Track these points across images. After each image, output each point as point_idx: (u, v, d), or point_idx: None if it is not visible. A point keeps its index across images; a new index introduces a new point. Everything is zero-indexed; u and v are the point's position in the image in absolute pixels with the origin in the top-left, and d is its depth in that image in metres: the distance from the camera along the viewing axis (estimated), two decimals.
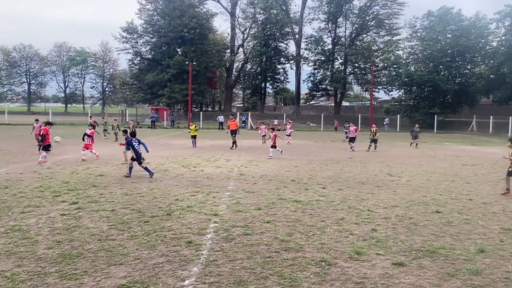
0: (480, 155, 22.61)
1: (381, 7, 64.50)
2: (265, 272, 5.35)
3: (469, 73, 57.15)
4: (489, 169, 16.48)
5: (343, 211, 8.83)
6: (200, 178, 12.69)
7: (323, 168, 15.78)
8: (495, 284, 5.13)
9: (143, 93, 64.93)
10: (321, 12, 66.12)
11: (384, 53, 64.79)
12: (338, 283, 5.05)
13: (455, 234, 7.25)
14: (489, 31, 54.30)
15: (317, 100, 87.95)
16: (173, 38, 59.99)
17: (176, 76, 59.00)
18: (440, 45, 54.18)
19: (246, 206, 8.98)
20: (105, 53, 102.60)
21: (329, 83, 66.37)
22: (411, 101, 59.35)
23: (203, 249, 6.19)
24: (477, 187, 12.10)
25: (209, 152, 20.83)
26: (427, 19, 57.81)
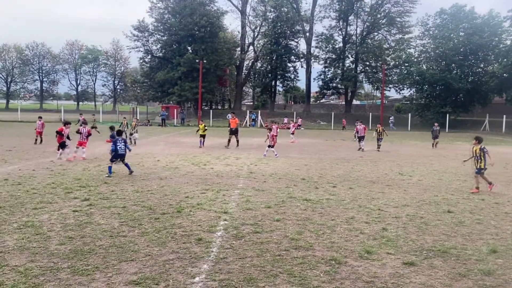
0: (492, 155, 22.19)
1: (392, 5, 64.01)
2: (275, 270, 5.35)
3: (482, 72, 56.50)
4: (501, 169, 16.28)
5: (353, 210, 8.79)
6: (210, 176, 12.73)
7: (333, 167, 15.73)
8: (507, 284, 5.07)
9: (154, 91, 65.33)
10: (332, 10, 65.89)
11: (395, 51, 64.22)
12: (348, 282, 5.04)
13: (466, 234, 7.19)
14: (503, 29, 53.66)
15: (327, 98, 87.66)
16: (183, 36, 60.20)
17: (186, 74, 59.22)
18: (452, 44, 53.62)
19: (255, 204, 8.99)
20: (116, 51, 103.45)
21: (340, 81, 66.08)
22: (423, 100, 58.93)
23: (213, 246, 6.21)
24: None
25: (219, 150, 20.89)
26: (439, 17, 57.23)
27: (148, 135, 23.01)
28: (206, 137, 23.57)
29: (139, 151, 19.23)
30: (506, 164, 17.70)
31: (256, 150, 21.55)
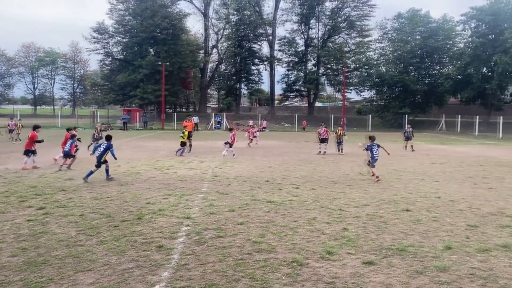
0: (448, 153, 23.23)
1: (352, 9, 65.56)
2: (237, 274, 5.32)
3: (438, 74, 58.79)
4: (456, 167, 16.94)
5: (315, 210, 8.90)
6: (173, 181, 12.55)
7: (296, 168, 15.88)
8: (461, 280, 5.26)
9: (115, 94, 63.78)
10: (293, 13, 66.73)
11: (355, 54, 65.83)
12: (309, 284, 5.08)
13: (423, 231, 7.41)
14: (456, 33, 56.04)
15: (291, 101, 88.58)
16: (145, 38, 59.23)
17: (148, 77, 58.25)
18: (409, 46, 55.53)
19: (219, 208, 8.93)
20: (75, 54, 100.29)
21: (303, 84, 67.01)
22: (382, 101, 60.60)
23: (174, 253, 6.11)
24: (445, 185, 12.41)
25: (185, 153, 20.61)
26: (397, 20, 59.15)
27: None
28: (174, 141, 22.85)
29: None
30: (461, 163, 18.43)
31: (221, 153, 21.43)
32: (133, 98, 59.82)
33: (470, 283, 5.16)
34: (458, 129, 49.70)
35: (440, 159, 20.00)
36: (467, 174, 14.93)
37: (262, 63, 71.40)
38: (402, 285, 5.08)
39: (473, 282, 5.21)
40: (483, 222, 8.08)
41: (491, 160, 19.72)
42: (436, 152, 23.57)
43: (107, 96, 66.71)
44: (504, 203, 9.96)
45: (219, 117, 55.18)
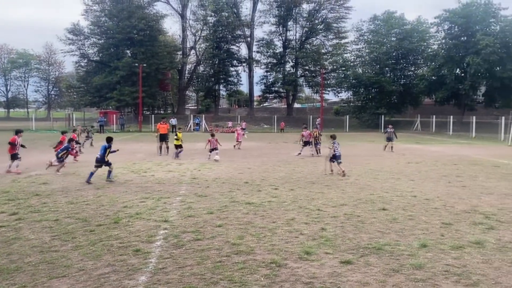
0: (424, 153, 23.70)
1: (329, 11, 66.23)
2: (215, 277, 5.30)
3: (413, 75, 59.94)
4: (431, 166, 17.29)
5: (294, 211, 8.94)
6: (150, 184, 12.41)
7: (275, 169, 15.92)
8: (436, 277, 5.37)
9: (91, 96, 62.73)
10: (271, 15, 66.99)
11: (332, 56, 66.53)
12: (288, 284, 5.10)
13: (399, 230, 7.54)
14: (430, 35, 57.27)
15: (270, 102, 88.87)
16: (121, 39, 58.52)
17: (125, 79, 57.56)
18: (385, 48, 56.49)
19: (197, 211, 8.88)
20: (49, 56, 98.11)
21: (281, 85, 67.31)
22: (359, 102, 61.42)
23: (151, 257, 6.04)
24: (421, 184, 12.66)
25: (161, 156, 20.44)
26: (372, 22, 60.06)
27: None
28: (152, 143, 22.62)
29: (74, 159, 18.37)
30: (436, 162, 18.82)
31: (200, 155, 21.31)
32: (110, 100, 58.94)
33: (445, 280, 5.27)
34: (433, 129, 50.76)
35: (416, 158, 20.38)
36: (442, 173, 15.26)
37: (240, 64, 71.41)
38: (378, 283, 5.15)
39: (448, 278, 5.32)
40: (457, 220, 8.27)
41: (465, 159, 20.21)
42: (412, 152, 24.00)
43: (83, 99, 65.60)
44: (477, 200, 10.22)
45: (198, 118, 54.92)
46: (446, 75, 50.45)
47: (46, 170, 14.73)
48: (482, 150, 25.92)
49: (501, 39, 46.18)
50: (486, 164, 18.03)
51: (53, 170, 14.67)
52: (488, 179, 13.80)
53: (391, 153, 23.04)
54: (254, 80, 70.18)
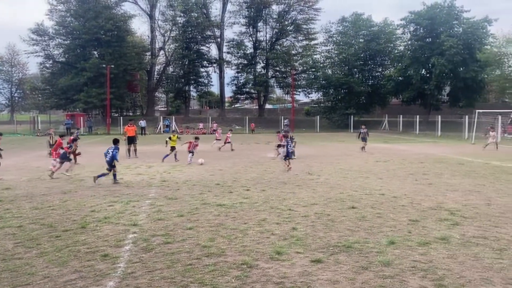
0: (391, 152, 24.24)
1: (298, 13, 66.89)
2: (186, 280, 5.24)
3: (380, 76, 61.29)
4: (399, 165, 17.71)
5: (265, 212, 8.96)
6: (119, 187, 12.17)
7: (247, 170, 15.92)
8: (403, 273, 5.48)
9: (57, 99, 60.97)
10: (241, 16, 67.07)
11: (302, 57, 67.19)
12: (259, 285, 5.09)
13: (368, 228, 7.67)
14: (397, 36, 58.71)
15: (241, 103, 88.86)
16: (88, 40, 57.19)
17: (92, 80, 56.25)
18: (353, 49, 57.50)
19: (167, 214, 8.76)
20: (12, 56, 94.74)
21: (252, 86, 67.47)
22: (329, 103, 62.31)
23: (120, 261, 5.91)
24: (388, 182, 12.93)
25: (130, 159, 20.09)
26: (341, 24, 61.06)
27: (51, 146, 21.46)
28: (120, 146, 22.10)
29: (40, 163, 17.84)
30: (403, 160, 19.29)
31: (170, 157, 21.04)
32: (77, 102, 57.49)
33: (412, 276, 5.39)
34: (400, 128, 52.04)
35: (384, 157, 20.82)
36: (409, 171, 15.65)
37: (211, 65, 71.10)
38: (348, 281, 5.22)
39: (415, 274, 5.44)
40: (424, 217, 8.49)
41: (431, 157, 20.80)
42: (380, 151, 24.51)
43: (48, 101, 63.71)
44: (442, 197, 10.52)
45: (168, 120, 54.31)
46: (412, 75, 51.84)
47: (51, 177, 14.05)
48: (447, 148, 26.76)
49: (464, 40, 47.84)
50: (451, 162, 18.61)
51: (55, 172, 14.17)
52: (453, 176, 14.24)
53: (361, 152, 23.44)
54: (225, 81, 70.15)
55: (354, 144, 31.18)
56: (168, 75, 71.41)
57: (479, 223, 7.98)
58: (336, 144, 30.88)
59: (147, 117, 58.21)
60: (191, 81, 70.01)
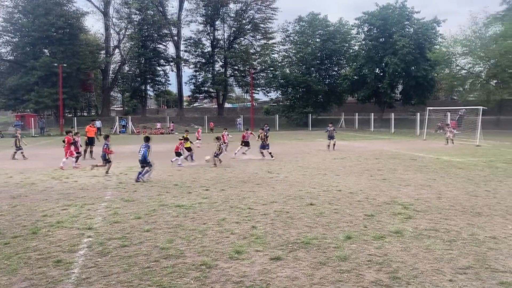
0: (348, 149, 24.84)
1: (256, 11, 67.24)
2: (143, 283, 5.13)
3: (337, 75, 62.65)
4: (355, 161, 18.17)
5: (225, 211, 8.93)
6: (73, 190, 11.75)
7: (206, 170, 15.81)
8: (359, 267, 5.62)
9: (5, 99, 58.05)
10: (198, 14, 66.61)
11: (261, 56, 67.60)
12: (218, 285, 5.07)
13: (326, 224, 7.81)
14: (351, 36, 60.17)
15: (200, 102, 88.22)
16: (38, 38, 54.84)
17: (44, 79, 54.01)
18: (310, 49, 58.43)
19: (124, 216, 8.55)
20: None
21: (211, 85, 67.17)
22: (288, 102, 62.99)
23: (74, 267, 5.70)
24: (345, 179, 13.24)
25: (85, 161, 19.43)
26: (298, 24, 61.86)
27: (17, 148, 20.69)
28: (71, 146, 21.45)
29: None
30: (359, 157, 19.80)
31: (128, 158, 20.57)
32: (27, 102, 55.05)
33: (368, 269, 5.54)
34: (356, 126, 53.45)
35: (341, 154, 21.30)
36: (364, 167, 16.09)
37: (168, 64, 70.14)
38: (306, 277, 5.29)
39: (370, 268, 5.60)
40: (379, 211, 8.75)
41: (385, 153, 21.49)
42: (337, 148, 25.00)
43: None
44: (396, 192, 10.89)
45: (124, 120, 53.04)
46: (367, 74, 53.34)
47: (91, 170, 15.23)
48: (400, 145, 27.74)
49: (415, 40, 49.73)
50: (404, 158, 19.31)
51: None
52: (406, 171, 14.78)
53: (317, 150, 23.85)
54: (183, 79, 69.35)
55: (313, 142, 31.74)
56: (124, 74, 69.78)
57: (430, 216, 8.32)
58: (295, 142, 31.26)
59: (103, 117, 56.63)
60: (148, 80, 68.79)
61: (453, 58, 45.43)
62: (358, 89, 57.19)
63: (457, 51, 44.64)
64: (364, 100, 58.59)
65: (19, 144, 21.06)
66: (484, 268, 5.54)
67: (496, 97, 41.68)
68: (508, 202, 9.49)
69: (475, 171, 14.57)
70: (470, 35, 42.99)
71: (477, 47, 42.20)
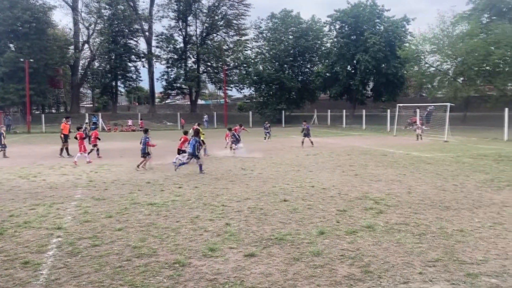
0: (321, 145, 25.09)
1: (228, 7, 66.85)
2: (115, 283, 5.04)
3: (309, 72, 63.07)
4: (328, 157, 18.39)
5: (199, 209, 8.87)
6: (41, 189, 11.41)
7: (179, 167, 15.62)
8: (332, 262, 5.69)
9: None
10: (170, 10, 65.63)
11: (234, 52, 67.33)
12: (192, 283, 5.03)
13: (299, 219, 7.87)
14: (324, 33, 60.68)
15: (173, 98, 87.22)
16: (3, 32, 52.81)
17: (9, 75, 52.10)
18: (283, 46, 58.57)
19: (95, 215, 8.37)
20: None
21: (183, 81, 66.36)
22: (261, 98, 63.02)
23: (42, 268, 5.55)
24: (318, 175, 13.38)
25: (53, 159, 18.93)
26: (271, 20, 61.90)
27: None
28: (38, 145, 20.97)
29: None
30: (331, 153, 20.04)
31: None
32: None
33: (341, 264, 5.61)
34: (329, 122, 54.04)
35: (314, 150, 21.50)
36: (337, 163, 16.30)
37: (139, 59, 68.91)
38: (280, 273, 5.32)
39: (343, 262, 5.68)
40: (351, 206, 8.88)
41: (357, 149, 21.83)
42: (310, 144, 25.23)
43: None
44: (367, 187, 11.08)
45: (95, 117, 51.89)
46: (339, 71, 53.96)
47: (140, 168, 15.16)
48: (371, 141, 28.24)
49: (386, 38, 50.60)
50: (375, 154, 19.67)
51: None
52: (377, 167, 15.06)
53: (290, 146, 23.99)
54: (154, 76, 68.34)
55: (286, 138, 31.91)
56: (94, 70, 68.10)
57: (401, 210, 8.51)
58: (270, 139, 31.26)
59: (72, 114, 55.10)
60: (118, 76, 67.39)
61: (422, 55, 46.46)
62: (331, 86, 57.80)
63: (426, 49, 45.66)
64: (336, 97, 59.28)
65: (3, 142, 20.45)
66: (452, 260, 5.70)
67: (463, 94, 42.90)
68: (474, 196, 9.81)
69: (443, 166, 14.99)
70: (438, 33, 44.05)
71: (445, 45, 43.28)
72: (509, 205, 8.84)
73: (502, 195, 9.87)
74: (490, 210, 8.44)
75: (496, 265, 5.51)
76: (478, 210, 8.46)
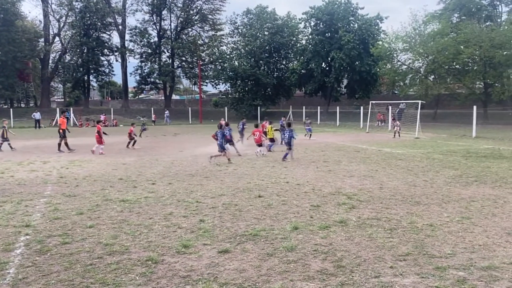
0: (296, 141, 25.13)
1: (204, 2, 66.30)
2: (86, 281, 4.93)
3: (285, 68, 63.26)
4: (302, 153, 18.53)
5: (172, 205, 8.79)
6: (9, 186, 11.07)
7: (153, 164, 15.47)
8: (306, 257, 5.74)
9: None
10: (144, 3, 64.53)
11: (209, 47, 66.84)
12: (165, 280, 4.98)
13: (274, 215, 7.90)
14: (299, 30, 60.95)
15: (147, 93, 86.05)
16: None
17: None
18: (259, 42, 58.54)
19: (65, 212, 8.17)
20: None
21: (158, 76, 65.50)
22: (237, 94, 62.88)
23: (9, 267, 5.38)
24: (292, 170, 13.46)
25: (22, 155, 18.40)
26: (246, 16, 61.72)
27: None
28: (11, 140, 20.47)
29: None
30: (306, 149, 20.21)
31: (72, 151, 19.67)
32: None
33: (314, 259, 5.67)
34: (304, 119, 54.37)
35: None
36: (311, 159, 16.44)
37: (112, 53, 67.59)
38: (254, 269, 5.33)
39: (316, 257, 5.73)
40: (324, 202, 8.98)
41: (331, 146, 22.08)
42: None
43: None
44: (341, 183, 11.22)
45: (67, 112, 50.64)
46: (314, 68, 54.34)
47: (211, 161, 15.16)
48: (345, 137, 28.62)
49: (359, 36, 51.22)
50: (349, 150, 19.94)
51: None
52: (350, 163, 15.27)
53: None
54: (128, 70, 67.19)
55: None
56: (65, 64, 66.36)
57: (373, 205, 8.66)
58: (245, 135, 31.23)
59: (42, 109, 53.67)
60: (91, 70, 65.94)
61: (395, 53, 47.30)
62: (306, 82, 58.17)
63: (398, 47, 46.51)
64: (311, 94, 59.70)
65: (6, 135, 19.96)
66: (422, 254, 5.84)
67: (434, 91, 43.97)
68: (444, 191, 10.07)
69: (414, 162, 15.33)
70: (411, 32, 44.95)
71: (416, 43, 44.20)
72: (477, 200, 9.12)
73: (470, 190, 10.17)
74: (458, 205, 8.68)
75: (464, 258, 5.67)
76: (447, 205, 8.69)
